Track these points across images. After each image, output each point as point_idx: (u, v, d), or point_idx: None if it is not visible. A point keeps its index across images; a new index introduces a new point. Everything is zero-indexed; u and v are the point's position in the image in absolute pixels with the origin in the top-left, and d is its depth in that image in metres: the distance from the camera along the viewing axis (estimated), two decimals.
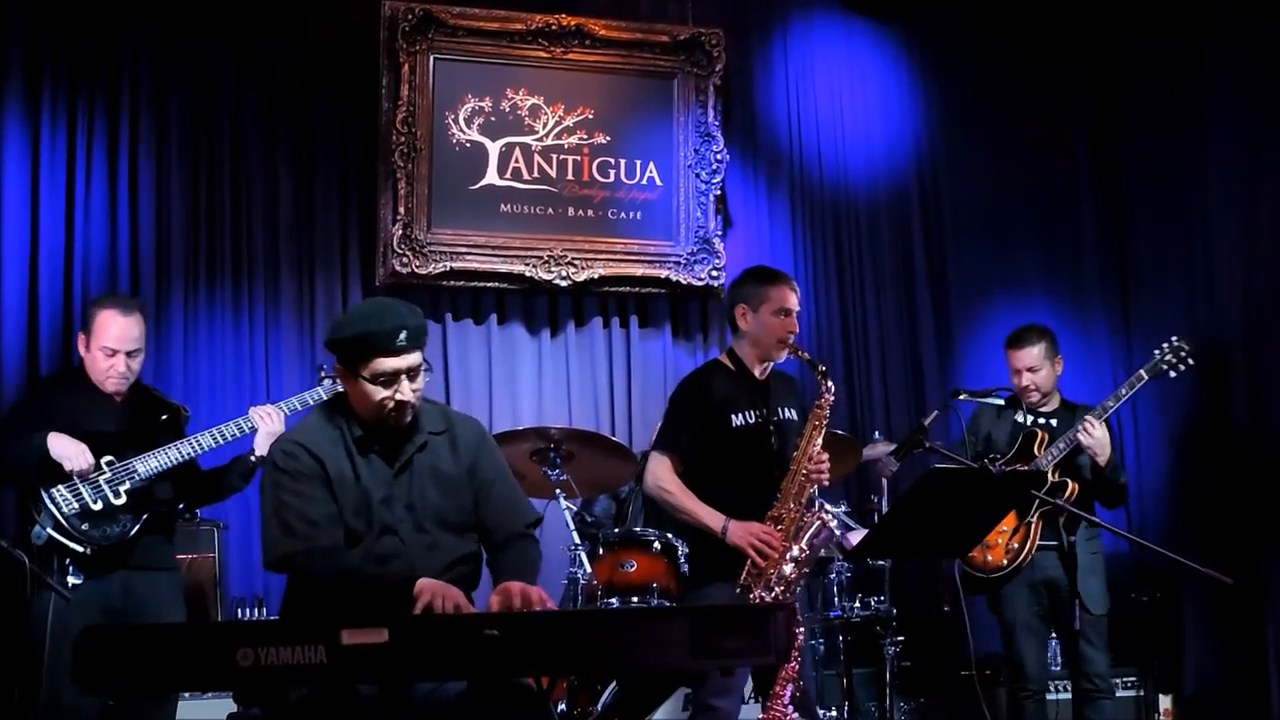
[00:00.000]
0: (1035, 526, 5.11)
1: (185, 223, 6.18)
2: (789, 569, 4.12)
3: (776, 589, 4.09)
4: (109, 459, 4.42)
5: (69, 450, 4.34)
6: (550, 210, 6.61)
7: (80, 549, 4.31)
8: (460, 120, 6.50)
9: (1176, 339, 5.25)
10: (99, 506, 4.35)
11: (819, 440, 4.24)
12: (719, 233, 6.78)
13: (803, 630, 4.31)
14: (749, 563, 4.13)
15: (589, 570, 5.00)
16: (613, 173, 6.70)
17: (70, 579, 4.27)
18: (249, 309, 6.24)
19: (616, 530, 5.31)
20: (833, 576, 5.52)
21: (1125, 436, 6.90)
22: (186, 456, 4.53)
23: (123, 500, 4.40)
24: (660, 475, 4.32)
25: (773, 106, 7.12)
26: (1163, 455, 6.75)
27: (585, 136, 6.67)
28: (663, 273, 6.68)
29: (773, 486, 4.23)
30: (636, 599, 4.86)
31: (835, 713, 5.49)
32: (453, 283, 6.45)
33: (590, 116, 6.68)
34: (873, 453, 5.84)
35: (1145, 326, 6.76)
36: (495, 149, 6.54)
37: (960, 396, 5.15)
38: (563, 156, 6.63)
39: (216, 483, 4.75)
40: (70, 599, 4.19)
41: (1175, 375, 5.27)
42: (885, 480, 5.82)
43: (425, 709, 3.12)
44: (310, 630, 2.53)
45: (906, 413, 6.93)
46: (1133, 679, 5.96)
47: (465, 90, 6.52)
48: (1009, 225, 7.26)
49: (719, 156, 6.79)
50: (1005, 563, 5.11)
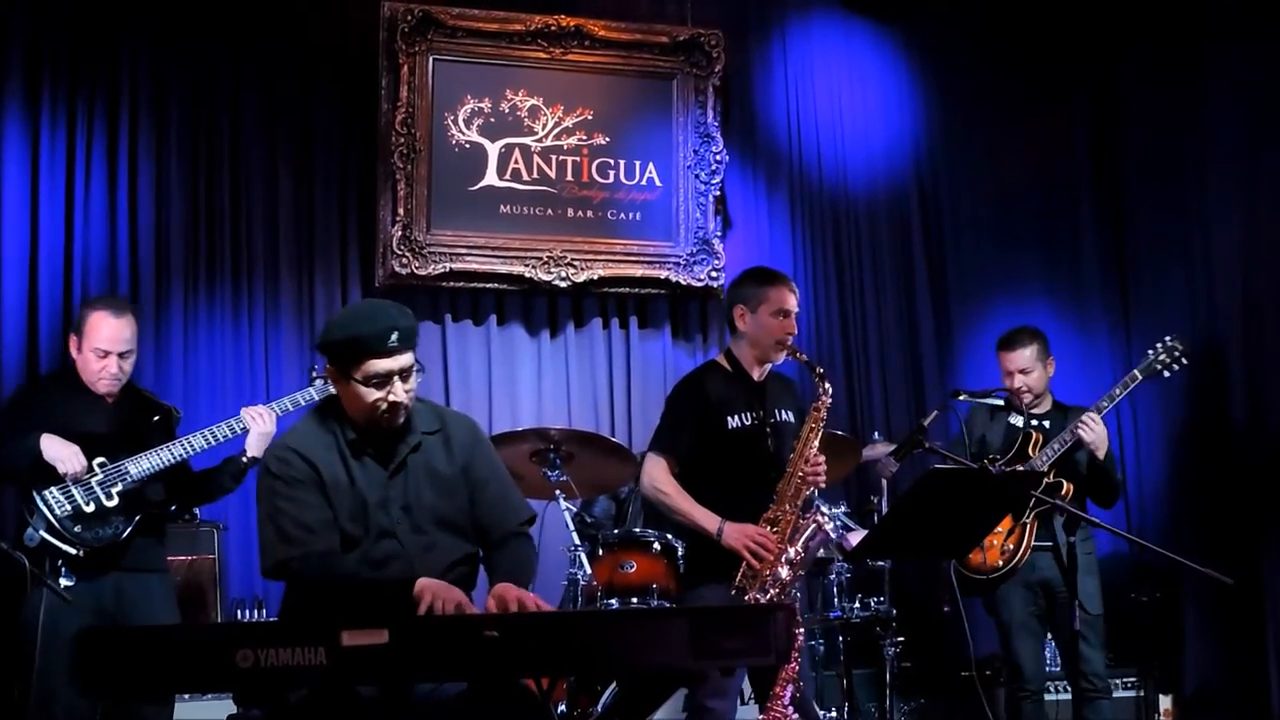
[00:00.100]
0: (1030, 527, 5.11)
1: (185, 223, 6.18)
2: (784, 571, 4.11)
3: (771, 591, 4.09)
4: (101, 460, 4.41)
5: (62, 453, 4.33)
6: (549, 211, 6.60)
7: (73, 551, 4.31)
8: (459, 121, 6.50)
9: (1170, 338, 5.25)
10: (91, 508, 4.34)
11: (816, 442, 4.23)
12: (718, 233, 6.77)
13: (802, 631, 4.31)
14: (744, 565, 4.13)
15: (589, 571, 5.00)
16: (612, 173, 6.69)
17: (62, 581, 4.26)
18: (249, 310, 6.24)
19: (616, 531, 5.30)
20: (832, 577, 5.52)
21: (1125, 436, 6.90)
22: (178, 458, 4.52)
23: (115, 502, 4.39)
24: (656, 476, 4.31)
25: (772, 107, 7.12)
26: (1162, 455, 6.75)
27: (584, 137, 6.66)
28: (662, 273, 6.68)
29: (769, 488, 4.22)
30: (636, 600, 4.85)
31: (835, 713, 5.48)
32: (452, 284, 6.45)
33: (589, 117, 6.68)
34: (872, 453, 5.84)
35: (1145, 326, 6.76)
36: (494, 150, 6.54)
37: (960, 397, 5.14)
38: (562, 157, 6.63)
39: (208, 484, 4.74)
40: (70, 600, 4.19)
41: (1169, 375, 5.26)
42: (885, 481, 5.82)
43: (425, 710, 3.12)
44: (310, 631, 2.53)
45: (906, 413, 6.93)
46: (1133, 679, 5.96)
47: (464, 91, 6.52)
48: (1009, 225, 7.26)
49: (718, 157, 6.78)
50: (1001, 563, 5.11)
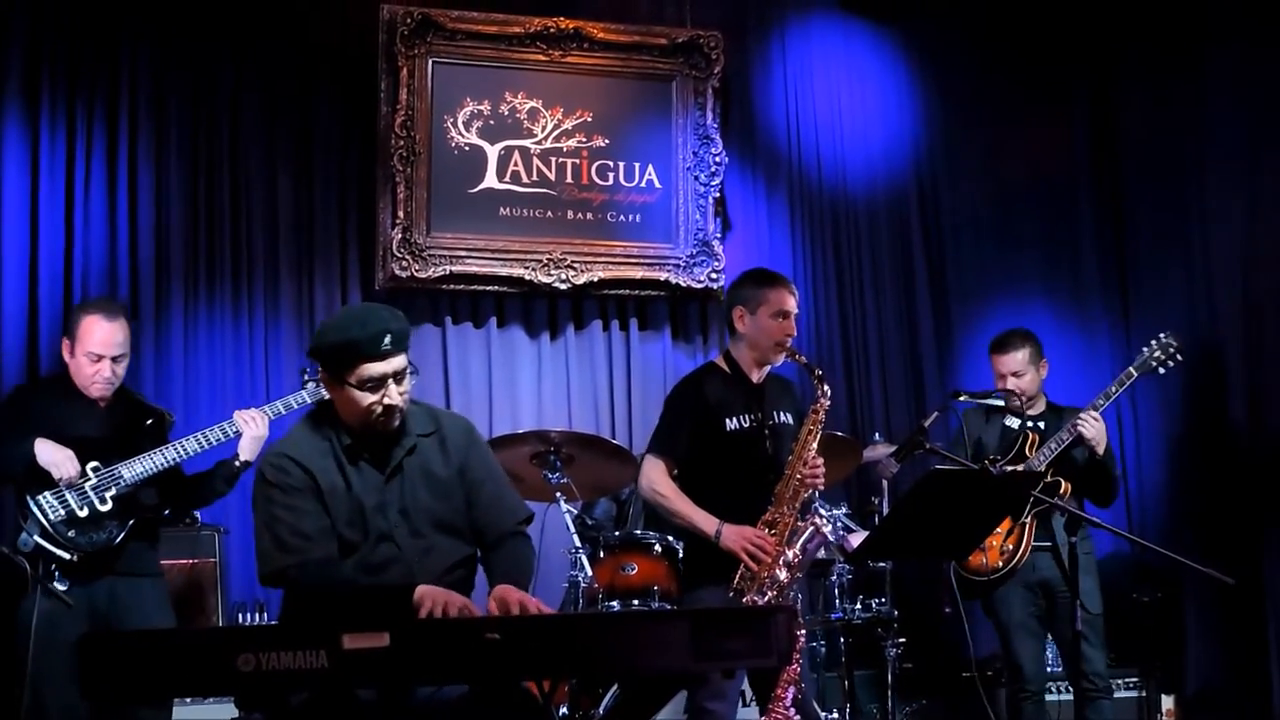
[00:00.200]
0: (1030, 527, 5.10)
1: (185, 226, 6.18)
2: (782, 573, 4.11)
3: (769, 593, 4.09)
4: (94, 465, 4.39)
5: (56, 457, 4.32)
6: (549, 213, 6.60)
7: (67, 556, 4.29)
8: (459, 124, 6.50)
9: (1165, 335, 5.24)
10: (85, 513, 4.33)
11: (814, 445, 4.23)
12: (718, 235, 6.77)
13: (803, 632, 4.31)
14: (741, 567, 4.12)
15: (590, 573, 5.00)
16: (611, 175, 6.69)
17: (56, 585, 4.25)
18: (248, 312, 6.24)
19: (617, 533, 5.31)
20: (834, 578, 5.52)
21: (1125, 436, 6.90)
22: (172, 462, 4.50)
23: (108, 506, 4.38)
24: (654, 478, 4.31)
25: (771, 108, 7.12)
26: (1163, 455, 6.75)
27: (584, 139, 6.66)
28: (662, 275, 6.67)
29: (767, 491, 4.22)
30: (637, 602, 4.86)
31: (837, 715, 5.48)
32: (452, 286, 6.45)
33: (589, 119, 6.68)
34: (873, 454, 5.83)
35: (1144, 327, 6.75)
36: (494, 152, 6.54)
37: (960, 397, 5.14)
38: (561, 159, 6.63)
39: (201, 487, 4.73)
40: (71, 604, 4.19)
41: (1164, 372, 5.26)
42: (885, 482, 5.82)
43: (426, 712, 3.11)
44: (311, 635, 2.53)
45: (906, 414, 6.93)
46: (1135, 679, 5.96)
47: (464, 94, 6.52)
48: (1008, 226, 7.26)
49: (717, 159, 6.78)
50: (1000, 564, 5.10)
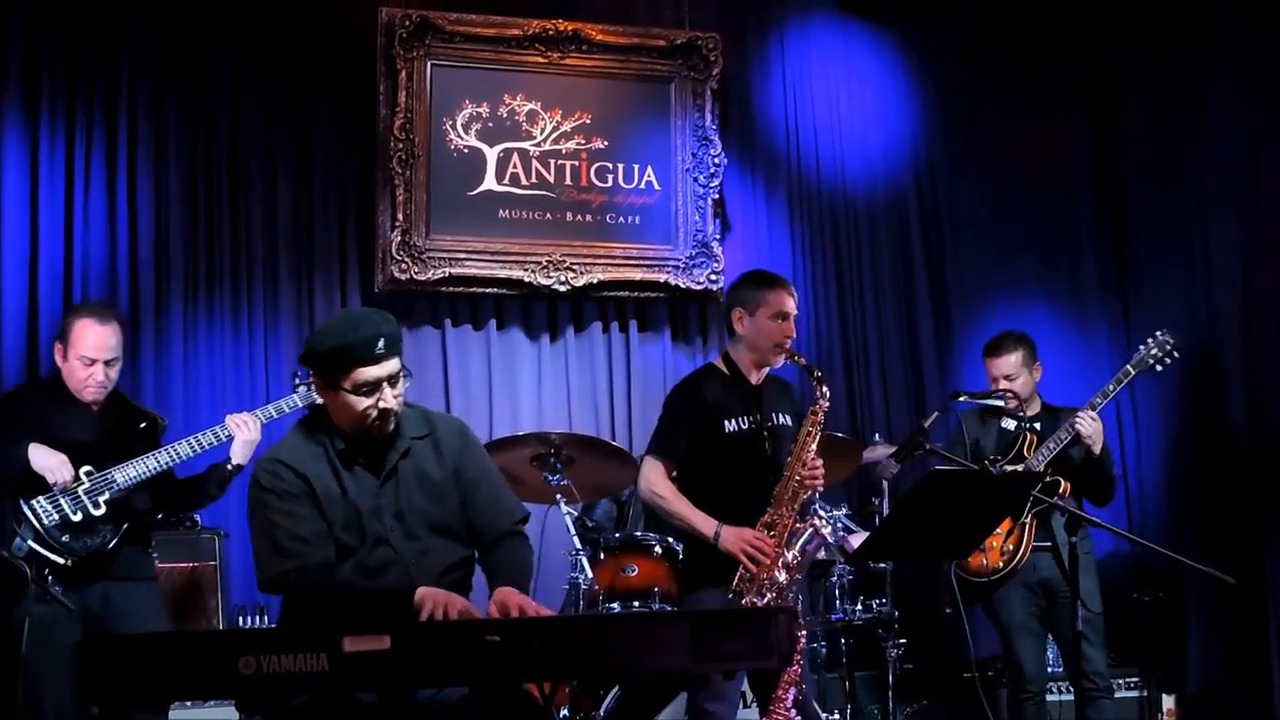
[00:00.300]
0: (1029, 528, 5.10)
1: (184, 229, 6.17)
2: (781, 575, 4.11)
3: (768, 595, 4.09)
4: (87, 469, 4.39)
5: (50, 462, 4.31)
6: (548, 215, 6.60)
7: (61, 560, 4.29)
8: (458, 126, 6.50)
9: (1162, 332, 5.24)
10: (79, 518, 4.33)
11: (813, 446, 4.23)
12: (717, 236, 6.77)
13: (804, 633, 4.31)
14: (740, 568, 4.12)
15: (590, 575, 5.00)
16: (610, 177, 6.70)
17: (54, 589, 4.21)
18: (248, 316, 6.24)
19: (617, 535, 5.31)
20: (834, 579, 5.52)
21: (1126, 437, 6.90)
22: (164, 466, 4.50)
23: (102, 511, 4.37)
24: (653, 480, 4.31)
25: (770, 110, 7.12)
26: (1163, 455, 6.75)
27: (583, 141, 6.66)
28: (661, 277, 6.67)
29: (766, 492, 4.21)
30: (638, 603, 4.86)
31: (838, 716, 5.48)
32: (451, 289, 6.45)
33: (588, 121, 6.68)
34: (873, 455, 5.83)
35: (1144, 327, 6.72)
36: (493, 154, 6.54)
37: (960, 398, 5.13)
38: (560, 161, 6.63)
39: (193, 491, 4.73)
40: (72, 608, 4.18)
41: (1162, 369, 5.25)
42: (886, 482, 5.82)
43: (426, 715, 3.11)
44: (312, 638, 2.53)
45: (906, 415, 6.92)
46: (1136, 679, 5.96)
47: (463, 96, 6.52)
48: (1008, 226, 7.25)
49: (716, 160, 6.78)
50: (1001, 565, 5.10)
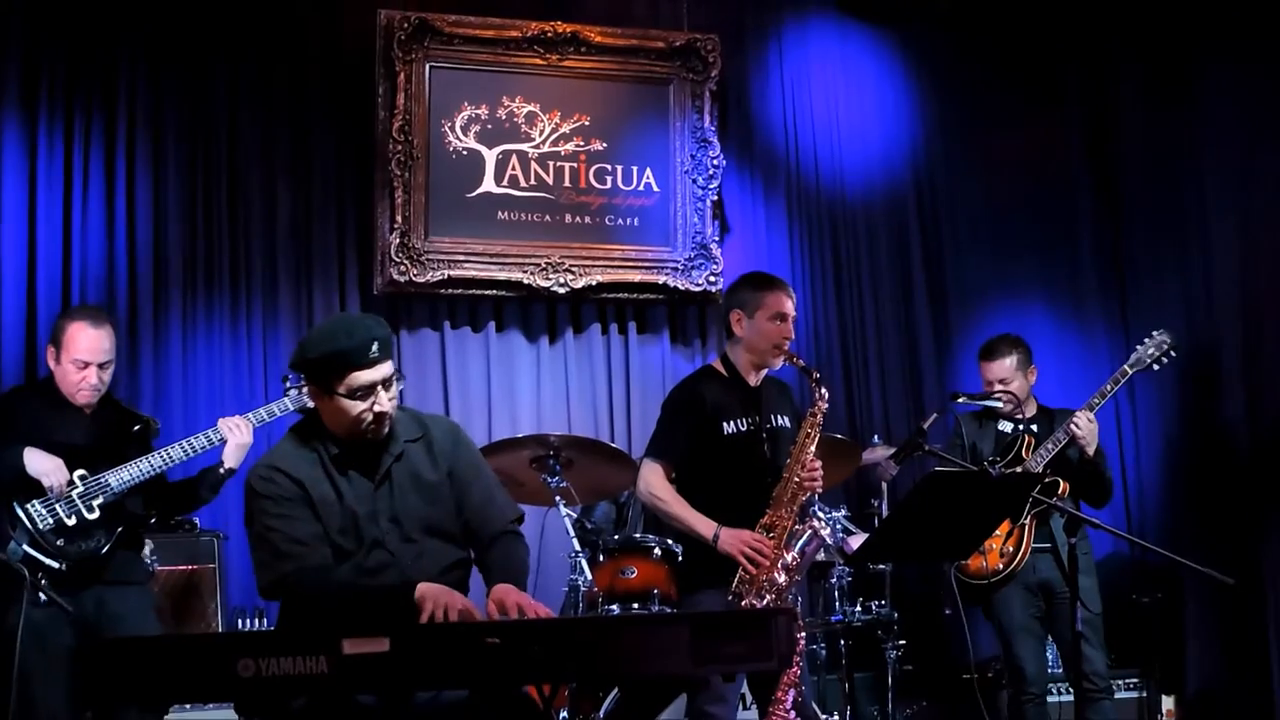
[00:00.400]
0: (1029, 529, 5.10)
1: (183, 234, 6.17)
2: (780, 577, 4.11)
3: (768, 596, 4.09)
4: (81, 473, 4.37)
5: (45, 466, 4.30)
6: (547, 217, 6.60)
7: (56, 565, 4.27)
8: (456, 128, 6.50)
9: (1159, 332, 5.25)
10: (73, 522, 4.32)
11: (812, 448, 4.23)
12: (716, 238, 6.77)
13: (803, 635, 4.31)
14: (740, 570, 4.12)
15: (589, 577, 4.99)
16: (609, 179, 6.69)
17: (42, 595, 4.19)
18: (247, 319, 6.23)
19: (616, 537, 5.31)
20: (833, 581, 5.52)
21: (1125, 438, 6.89)
22: (157, 469, 4.48)
23: (96, 515, 4.36)
24: (652, 482, 4.31)
25: (769, 111, 7.12)
26: (1162, 456, 6.75)
27: (582, 143, 6.67)
28: (660, 279, 6.67)
29: (765, 494, 4.22)
30: (637, 605, 4.85)
31: (837, 717, 5.48)
32: (450, 291, 6.45)
33: (586, 123, 6.68)
34: (872, 456, 5.84)
35: (1142, 328, 6.69)
36: (492, 156, 6.54)
37: (959, 399, 5.15)
38: (559, 163, 6.63)
39: (185, 495, 4.72)
40: (71, 610, 4.18)
41: (1159, 368, 5.26)
42: (885, 484, 5.83)
43: (425, 717, 3.11)
44: (311, 640, 2.53)
45: (905, 416, 6.92)
46: (1135, 680, 5.96)
47: (461, 98, 6.52)
48: (1006, 228, 7.25)
49: (715, 162, 6.78)
50: (1001, 566, 5.10)
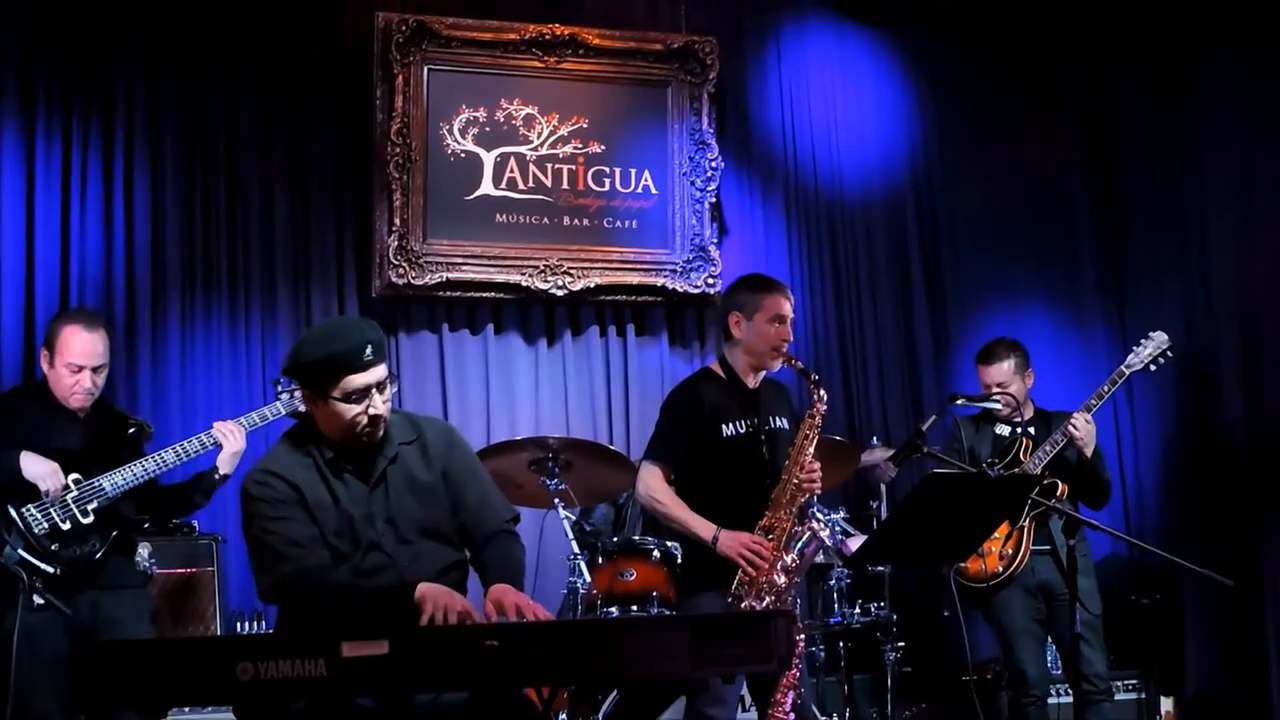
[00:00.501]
0: (1028, 531, 5.10)
1: (181, 236, 6.17)
2: (780, 578, 4.11)
3: (767, 598, 4.09)
4: (75, 477, 4.36)
5: (42, 470, 4.29)
6: (546, 220, 6.60)
7: (50, 569, 4.26)
8: (455, 131, 6.50)
9: (1155, 333, 5.26)
10: (68, 526, 4.31)
11: (811, 449, 4.23)
12: (714, 240, 6.77)
13: (802, 637, 4.31)
14: (739, 572, 4.12)
15: (588, 579, 4.99)
16: (608, 181, 6.69)
17: (36, 599, 4.17)
18: (245, 322, 6.23)
19: (615, 539, 5.31)
20: (832, 583, 5.52)
21: (1123, 439, 6.89)
22: (151, 474, 4.48)
23: (90, 519, 4.35)
24: (651, 485, 4.31)
25: (767, 113, 7.12)
26: (1161, 457, 6.75)
27: (580, 146, 6.66)
28: (659, 281, 6.67)
29: (764, 496, 4.22)
30: (636, 608, 4.85)
31: (836, 719, 5.48)
32: (449, 293, 6.45)
33: (585, 125, 6.68)
34: (870, 458, 5.84)
35: (1141, 330, 6.70)
36: (490, 159, 6.54)
37: (958, 401, 5.15)
38: (557, 166, 6.63)
39: (179, 499, 4.72)
40: (70, 613, 4.17)
41: (1155, 369, 5.27)
42: (883, 485, 5.83)
43: (424, 719, 3.12)
44: (310, 643, 2.53)
45: (904, 418, 6.92)
46: (1134, 681, 5.97)
47: (459, 101, 6.52)
48: (1004, 230, 7.25)
49: (713, 164, 6.78)
50: (1001, 569, 5.10)
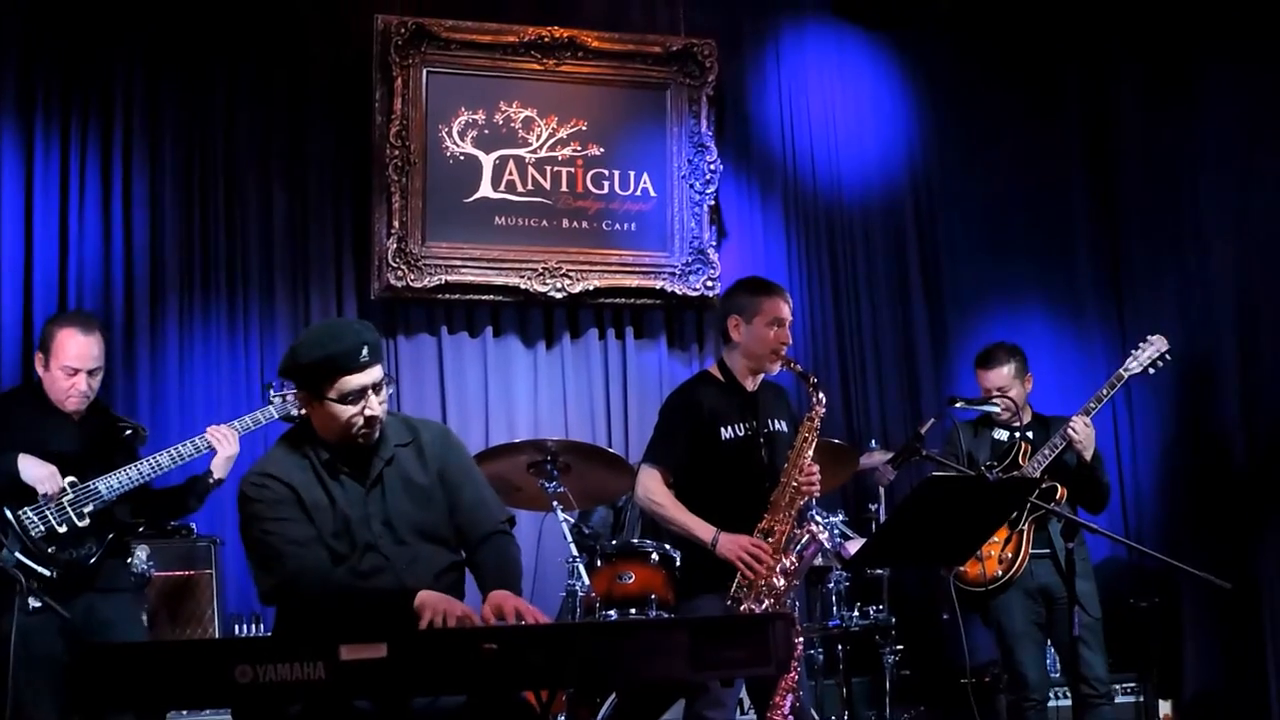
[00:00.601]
0: (1027, 534, 5.10)
1: (179, 239, 6.17)
2: (779, 581, 4.11)
3: (767, 601, 4.09)
4: (71, 480, 4.36)
5: (40, 473, 4.29)
6: (545, 222, 6.60)
7: (46, 572, 4.26)
8: (454, 133, 6.50)
9: (1153, 336, 5.26)
10: (64, 529, 4.31)
11: (810, 452, 4.23)
12: (713, 243, 6.77)
13: (801, 640, 4.31)
14: (738, 575, 4.12)
15: (587, 582, 4.99)
16: (606, 184, 6.69)
17: (32, 601, 4.16)
18: (243, 324, 6.23)
19: (614, 542, 5.30)
20: (831, 586, 5.51)
21: (1121, 442, 6.89)
22: (146, 477, 4.48)
23: (86, 522, 4.35)
24: (650, 488, 4.31)
25: (766, 116, 7.12)
26: (1159, 460, 6.75)
27: (579, 148, 6.66)
28: (657, 284, 6.67)
29: (763, 499, 4.22)
30: (635, 611, 4.85)
31: None
32: (448, 296, 6.45)
33: (584, 128, 6.68)
34: (869, 461, 5.84)
35: (1140, 333, 6.71)
36: (489, 161, 6.54)
37: (957, 404, 5.15)
38: (556, 168, 6.63)
39: (173, 503, 4.72)
40: (69, 616, 4.17)
41: (1154, 372, 5.28)
42: (882, 488, 5.82)
43: None
44: (309, 646, 2.53)
45: (903, 421, 6.92)
46: (1132, 684, 5.97)
47: (458, 103, 6.52)
48: (1003, 232, 7.25)
49: (712, 166, 6.78)
50: (1000, 572, 5.10)
